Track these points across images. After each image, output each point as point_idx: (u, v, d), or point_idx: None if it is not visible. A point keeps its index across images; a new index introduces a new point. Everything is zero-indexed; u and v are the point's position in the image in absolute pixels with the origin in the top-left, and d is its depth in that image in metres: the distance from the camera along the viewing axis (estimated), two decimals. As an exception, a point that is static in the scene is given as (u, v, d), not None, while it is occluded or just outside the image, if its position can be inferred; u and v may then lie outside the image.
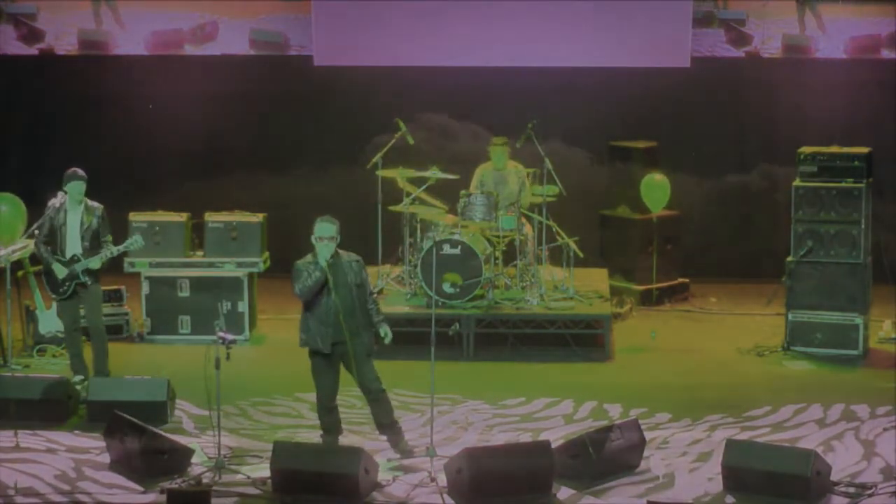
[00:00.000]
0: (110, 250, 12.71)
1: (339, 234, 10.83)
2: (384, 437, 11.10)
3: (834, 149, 14.20)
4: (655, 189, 16.02)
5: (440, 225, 14.40)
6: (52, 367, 13.43)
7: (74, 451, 11.21)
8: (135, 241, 12.94)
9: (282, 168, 17.72)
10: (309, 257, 10.84)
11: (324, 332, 10.76)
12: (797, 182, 14.20)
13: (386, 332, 10.95)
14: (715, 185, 17.52)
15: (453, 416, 12.11)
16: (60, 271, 12.64)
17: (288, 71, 17.61)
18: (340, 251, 10.90)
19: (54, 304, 13.16)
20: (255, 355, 14.10)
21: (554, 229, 14.67)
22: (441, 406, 12.09)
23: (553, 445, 10.59)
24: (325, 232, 10.77)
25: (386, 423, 11.02)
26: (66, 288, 12.69)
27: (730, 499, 10.22)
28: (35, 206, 13.68)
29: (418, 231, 14.52)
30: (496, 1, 16.94)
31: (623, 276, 16.12)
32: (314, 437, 11.24)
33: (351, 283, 10.78)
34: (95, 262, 12.65)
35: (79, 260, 12.63)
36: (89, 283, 12.69)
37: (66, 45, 17.71)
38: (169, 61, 17.56)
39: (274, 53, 17.63)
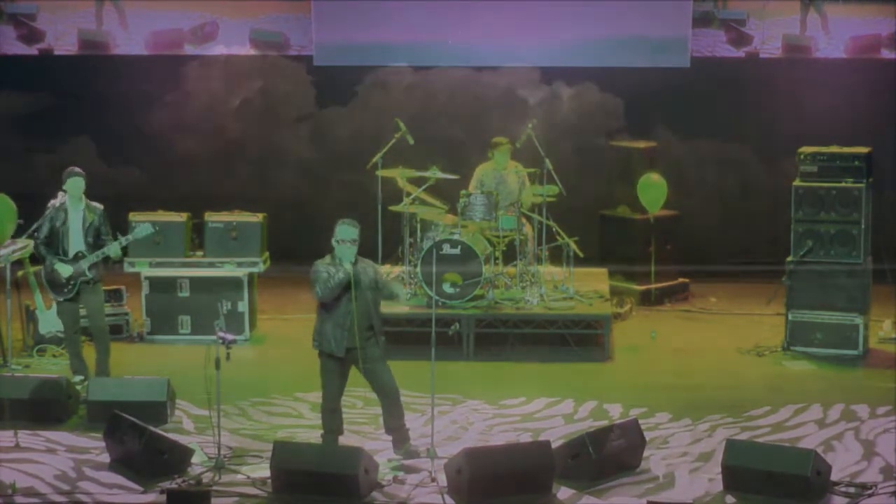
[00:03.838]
0: (119, 240, 12.63)
1: (360, 237, 10.81)
2: (387, 437, 11.10)
3: (834, 149, 14.20)
4: (652, 189, 16.02)
5: (440, 225, 14.39)
6: (52, 367, 13.43)
7: (74, 451, 11.21)
8: (143, 228, 12.91)
9: (281, 168, 17.74)
10: (327, 259, 10.81)
11: (339, 336, 10.74)
12: (797, 182, 14.20)
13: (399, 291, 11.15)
14: (715, 184, 17.53)
15: (453, 416, 12.11)
16: (65, 270, 12.60)
17: (288, 71, 17.62)
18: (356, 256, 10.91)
19: (54, 304, 13.15)
20: (255, 355, 14.10)
21: (554, 229, 14.67)
22: (441, 406, 12.09)
23: (553, 445, 10.60)
24: (346, 235, 10.73)
25: (394, 426, 11.02)
26: (70, 287, 12.65)
27: (730, 499, 10.22)
28: (35, 205, 13.66)
29: (418, 231, 14.52)
30: (495, 1, 16.95)
31: (623, 276, 16.11)
32: (314, 437, 11.23)
33: (367, 287, 10.78)
34: (115, 249, 12.59)
35: (84, 256, 12.60)
36: (94, 280, 12.66)
37: (65, 45, 17.71)
38: (169, 61, 17.57)
39: (274, 53, 17.65)
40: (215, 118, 17.72)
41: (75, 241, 12.65)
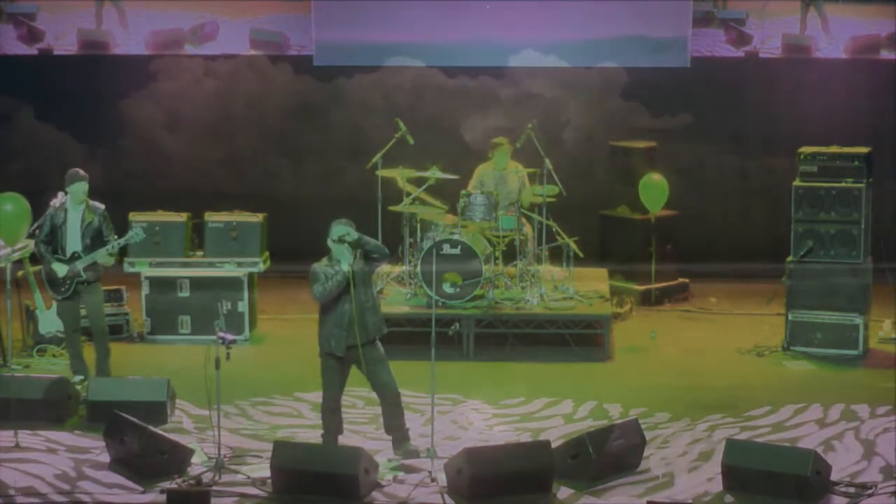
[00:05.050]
0: (112, 244, 12.67)
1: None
2: (387, 437, 11.10)
3: (834, 149, 14.20)
4: (653, 189, 16.01)
5: (440, 225, 14.40)
6: (52, 367, 13.43)
7: (74, 451, 11.21)
8: (135, 233, 12.94)
9: (281, 168, 17.74)
10: (325, 260, 10.81)
11: (339, 335, 10.75)
12: (797, 182, 14.19)
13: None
14: (715, 184, 17.53)
15: (453, 416, 12.11)
16: (61, 269, 12.62)
17: (288, 71, 17.63)
18: None
19: (54, 304, 13.15)
20: (255, 355, 14.10)
21: (554, 229, 14.67)
22: (441, 406, 12.09)
23: (553, 445, 10.60)
24: (341, 234, 10.73)
25: (395, 426, 11.03)
26: (67, 287, 12.67)
27: (730, 499, 10.22)
28: (36, 206, 13.67)
29: (418, 231, 14.52)
30: (495, 1, 16.95)
31: (623, 276, 16.11)
32: (314, 437, 11.24)
33: (360, 284, 10.79)
34: (102, 256, 12.61)
35: (80, 257, 12.60)
36: (90, 280, 12.66)
37: (65, 45, 17.71)
38: (169, 61, 17.57)
39: (274, 53, 17.66)
40: (215, 118, 17.71)
41: (73, 242, 12.66)
